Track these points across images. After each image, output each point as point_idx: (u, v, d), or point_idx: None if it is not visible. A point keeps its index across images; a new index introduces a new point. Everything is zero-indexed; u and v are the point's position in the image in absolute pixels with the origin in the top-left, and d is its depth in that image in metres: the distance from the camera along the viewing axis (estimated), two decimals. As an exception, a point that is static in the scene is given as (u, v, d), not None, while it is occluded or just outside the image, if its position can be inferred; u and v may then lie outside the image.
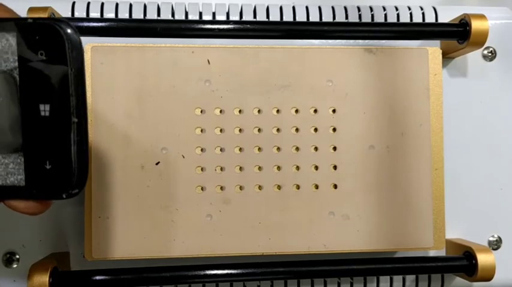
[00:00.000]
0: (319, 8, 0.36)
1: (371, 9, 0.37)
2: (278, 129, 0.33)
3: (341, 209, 0.33)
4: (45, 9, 0.31)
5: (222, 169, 0.32)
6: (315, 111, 0.33)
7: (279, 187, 0.33)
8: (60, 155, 0.20)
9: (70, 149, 0.20)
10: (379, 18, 0.36)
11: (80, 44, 0.20)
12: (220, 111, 0.32)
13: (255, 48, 0.33)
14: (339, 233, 0.33)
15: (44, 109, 0.20)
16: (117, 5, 0.34)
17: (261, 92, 0.33)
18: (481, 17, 0.34)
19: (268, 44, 0.33)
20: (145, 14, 0.34)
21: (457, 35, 0.34)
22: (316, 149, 0.33)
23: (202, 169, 0.32)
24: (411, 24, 0.36)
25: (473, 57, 0.37)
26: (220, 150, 0.32)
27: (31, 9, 0.30)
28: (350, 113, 0.33)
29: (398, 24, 0.36)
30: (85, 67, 0.21)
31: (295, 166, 0.33)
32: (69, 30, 0.20)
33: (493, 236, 0.36)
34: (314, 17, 0.36)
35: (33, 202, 0.21)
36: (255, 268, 0.32)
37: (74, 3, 0.34)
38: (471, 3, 0.48)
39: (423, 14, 0.37)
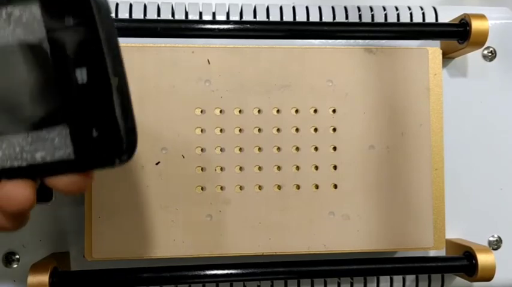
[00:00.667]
0: (319, 8, 0.36)
1: (371, 9, 0.37)
2: (278, 129, 0.33)
3: (341, 209, 0.33)
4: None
5: (222, 169, 0.32)
6: (315, 111, 0.33)
7: (279, 187, 0.33)
8: (106, 120, 0.19)
9: (114, 112, 0.19)
10: (379, 18, 0.36)
11: (106, 2, 0.19)
12: (220, 111, 0.32)
13: (255, 48, 0.33)
14: (339, 233, 0.33)
15: (81, 75, 0.19)
16: (117, 5, 0.34)
17: (261, 92, 0.33)
18: (481, 17, 0.34)
19: (268, 44, 0.33)
20: (145, 14, 0.34)
21: (457, 35, 0.34)
22: (316, 149, 0.33)
23: (202, 169, 0.32)
24: (411, 24, 0.36)
25: (473, 57, 0.37)
26: (220, 150, 0.32)
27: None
28: (350, 113, 0.33)
29: (398, 24, 0.36)
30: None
31: (295, 166, 0.33)
32: None
33: (493, 236, 0.36)
34: (314, 17, 0.36)
35: (78, 176, 0.20)
36: (255, 268, 0.32)
37: (74, 3, 0.34)
38: (471, 3, 0.48)
39: (423, 14, 0.37)
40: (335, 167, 0.33)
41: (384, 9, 0.37)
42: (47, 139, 0.20)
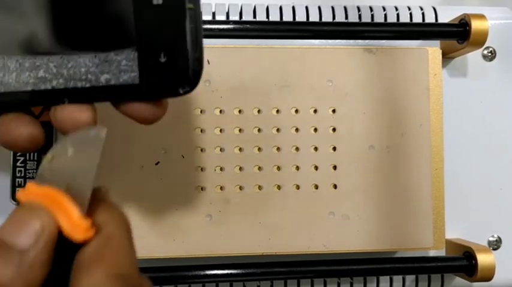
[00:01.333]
0: (319, 8, 0.36)
1: (371, 9, 0.37)
2: (278, 129, 0.33)
3: (341, 209, 0.33)
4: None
5: (222, 169, 0.32)
6: (315, 111, 0.33)
7: (278, 187, 0.33)
8: (176, 46, 0.19)
9: (185, 39, 0.19)
10: (379, 18, 0.36)
11: None
12: (220, 111, 0.32)
13: (255, 48, 0.33)
14: (339, 233, 0.33)
15: None
16: (117, 5, 0.34)
17: (261, 92, 0.33)
18: (481, 17, 0.34)
19: (268, 44, 0.33)
20: (145, 14, 0.34)
21: (457, 35, 0.34)
22: (316, 149, 0.33)
23: (202, 169, 0.32)
24: (411, 24, 0.36)
25: (473, 57, 0.37)
26: (220, 150, 0.32)
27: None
28: (350, 113, 0.33)
29: (398, 24, 0.36)
30: None
31: (295, 166, 0.33)
32: None
33: (493, 236, 0.36)
34: (314, 17, 0.36)
35: (148, 104, 0.20)
36: (255, 268, 0.32)
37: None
38: (471, 3, 0.48)
39: (423, 14, 0.37)
40: (335, 167, 0.33)
41: (384, 9, 0.37)
42: (114, 61, 0.19)
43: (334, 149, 0.33)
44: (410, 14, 0.37)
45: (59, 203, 0.18)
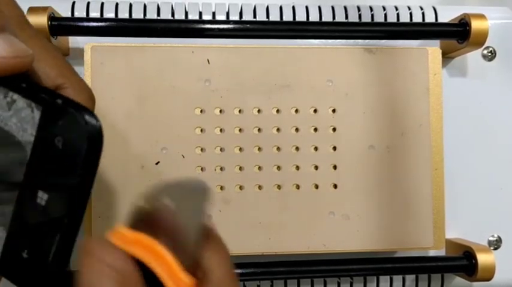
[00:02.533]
0: (319, 7, 0.36)
1: (371, 9, 0.37)
2: (278, 129, 0.33)
3: (341, 209, 0.33)
4: (45, 9, 0.30)
5: (222, 168, 0.32)
6: (315, 111, 0.33)
7: (279, 187, 0.33)
8: (39, 251, 0.18)
9: (50, 250, 0.18)
10: (379, 18, 0.36)
11: (99, 141, 0.18)
12: (220, 111, 0.32)
13: (255, 48, 0.33)
14: (338, 233, 0.33)
15: (42, 197, 0.18)
16: (117, 4, 0.34)
17: (261, 92, 0.33)
18: (481, 17, 0.34)
19: (268, 44, 0.33)
20: (145, 14, 0.34)
21: (457, 35, 0.34)
22: (316, 149, 0.33)
23: (202, 169, 0.32)
24: (411, 24, 0.36)
25: (473, 57, 0.37)
26: (220, 150, 0.32)
27: (31, 9, 0.30)
28: (350, 113, 0.33)
29: (398, 24, 0.36)
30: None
31: (295, 166, 0.33)
32: (93, 126, 0.18)
33: (493, 236, 0.36)
34: (314, 17, 0.36)
35: None
36: (255, 268, 0.32)
37: (73, 3, 0.34)
38: (471, 3, 0.48)
39: (423, 13, 0.37)
40: (335, 167, 0.33)
41: (384, 9, 0.37)
42: None
43: (334, 149, 0.33)
44: (410, 13, 0.37)
45: (159, 254, 0.17)
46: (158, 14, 0.35)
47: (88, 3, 0.34)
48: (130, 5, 0.34)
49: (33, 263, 0.18)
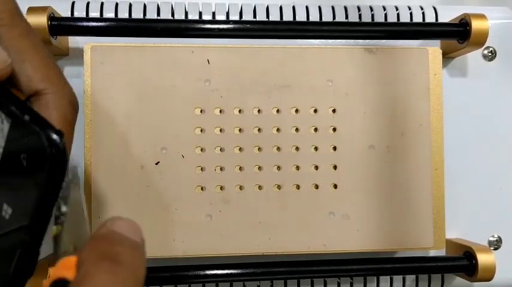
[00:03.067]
0: (319, 7, 0.36)
1: (371, 9, 0.37)
2: (278, 129, 0.33)
3: (341, 209, 0.33)
4: (44, 9, 0.30)
5: (222, 168, 0.32)
6: (315, 111, 0.33)
7: (279, 187, 0.33)
8: (0, 266, 0.18)
9: (11, 266, 0.18)
10: (379, 18, 0.36)
11: (62, 167, 0.18)
12: (220, 111, 0.32)
13: (255, 48, 0.33)
14: (339, 233, 0.33)
15: (6, 211, 0.18)
16: (116, 4, 0.34)
17: (261, 92, 0.33)
18: (481, 16, 0.34)
19: (268, 43, 0.33)
20: (145, 14, 0.34)
21: (457, 34, 0.34)
22: (316, 149, 0.33)
23: (202, 169, 0.32)
24: (411, 24, 0.36)
25: (473, 57, 0.37)
26: (220, 150, 0.32)
27: (30, 9, 0.30)
28: (350, 113, 0.33)
29: (398, 24, 0.36)
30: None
31: (295, 166, 0.33)
32: (57, 148, 0.17)
33: (493, 236, 0.36)
34: (314, 17, 0.36)
35: None
36: (255, 268, 0.32)
37: (73, 2, 0.34)
38: (471, 3, 0.48)
39: (423, 13, 0.37)
40: (335, 167, 0.33)
41: (384, 9, 0.37)
42: None
43: (335, 149, 0.33)
44: (411, 13, 0.37)
45: (66, 266, 0.17)
46: (158, 14, 0.35)
47: (88, 3, 0.34)
48: (130, 5, 0.34)
49: None
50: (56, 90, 0.21)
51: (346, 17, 0.36)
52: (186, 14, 0.35)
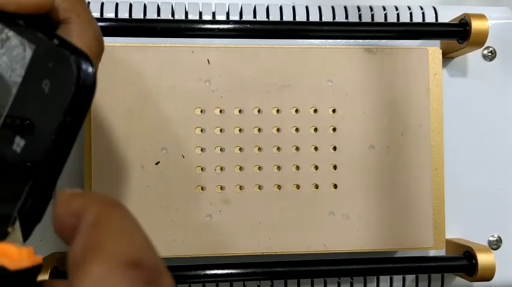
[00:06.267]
0: (319, 7, 0.36)
1: (371, 9, 0.37)
2: (278, 129, 0.33)
3: (341, 209, 0.33)
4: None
5: (222, 168, 0.32)
6: (315, 111, 0.33)
7: (279, 187, 0.33)
8: (6, 205, 0.17)
9: (16, 203, 0.17)
10: (379, 18, 0.36)
11: (90, 91, 0.17)
12: (220, 111, 0.32)
13: (255, 48, 0.33)
14: (338, 233, 0.33)
15: (18, 144, 0.17)
16: (117, 4, 0.34)
17: (261, 92, 0.33)
18: (481, 16, 0.34)
19: (268, 44, 0.33)
20: (145, 14, 0.34)
21: (457, 34, 0.34)
22: (316, 149, 0.33)
23: (202, 169, 0.32)
24: (411, 24, 0.36)
25: (473, 57, 0.37)
26: (220, 150, 0.32)
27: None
28: (350, 113, 0.33)
29: (398, 24, 0.36)
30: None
31: (295, 166, 0.33)
32: (85, 74, 0.16)
33: (493, 236, 0.36)
34: (314, 17, 0.36)
35: None
36: (255, 268, 0.32)
37: (73, 3, 0.34)
38: (471, 3, 0.48)
39: (423, 13, 0.37)
40: (335, 167, 0.33)
41: (384, 9, 0.37)
42: None
43: (334, 149, 0.33)
44: (411, 13, 0.37)
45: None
46: (158, 14, 0.35)
47: (88, 3, 0.34)
48: (131, 5, 0.34)
49: (2, 213, 0.17)
50: (82, 21, 0.20)
51: (346, 17, 0.36)
52: (186, 14, 0.35)
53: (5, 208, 0.17)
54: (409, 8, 0.37)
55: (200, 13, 0.35)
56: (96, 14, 0.34)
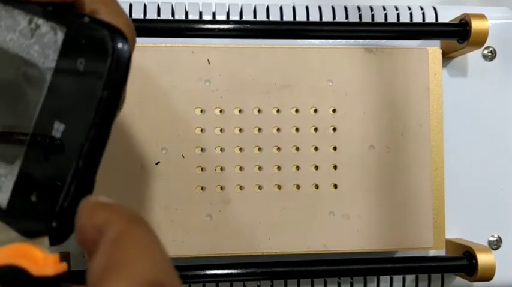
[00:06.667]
0: (319, 8, 0.36)
1: (371, 9, 0.37)
2: (278, 129, 0.33)
3: (341, 209, 0.33)
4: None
5: (222, 168, 0.32)
6: (315, 111, 0.33)
7: (279, 187, 0.33)
8: (48, 193, 0.16)
9: (61, 191, 0.16)
10: (379, 18, 0.36)
11: (126, 63, 0.17)
12: (220, 111, 0.32)
13: (255, 48, 0.33)
14: (339, 233, 0.33)
15: (57, 129, 0.17)
16: (117, 4, 0.34)
17: (261, 92, 0.33)
18: (481, 16, 0.34)
19: (268, 44, 0.33)
20: (145, 14, 0.34)
21: (457, 34, 0.34)
22: (316, 149, 0.33)
23: (202, 169, 0.32)
24: (411, 24, 0.36)
25: (473, 57, 0.37)
26: (220, 150, 0.32)
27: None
28: (350, 113, 0.33)
29: (398, 24, 0.36)
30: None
31: (295, 166, 0.33)
32: (119, 45, 0.16)
33: (493, 236, 0.36)
34: (314, 17, 0.36)
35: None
36: (255, 268, 0.32)
37: (74, 3, 0.34)
38: (471, 3, 0.48)
39: (423, 13, 0.37)
40: (335, 167, 0.33)
41: (384, 9, 0.37)
42: (1, 174, 0.18)
43: (335, 149, 0.33)
44: (411, 13, 0.37)
45: (19, 253, 0.16)
46: (158, 14, 0.35)
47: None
48: (131, 5, 0.34)
49: (41, 208, 0.17)
50: (110, 11, 0.20)
51: (346, 17, 0.36)
52: (186, 14, 0.35)
53: (45, 200, 0.17)
54: (409, 8, 0.37)
55: (200, 13, 0.35)
56: (96, 14, 0.34)
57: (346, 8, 0.36)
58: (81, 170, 0.16)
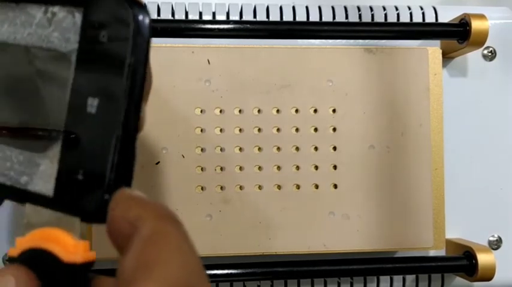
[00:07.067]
0: (319, 8, 0.36)
1: (371, 9, 0.37)
2: (278, 129, 0.33)
3: (341, 209, 0.33)
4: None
5: (222, 168, 0.32)
6: (315, 111, 0.33)
7: (279, 187, 0.33)
8: (93, 168, 0.17)
9: (108, 162, 0.17)
10: (379, 18, 0.36)
11: (148, 30, 0.16)
12: (220, 111, 0.32)
13: (255, 48, 0.33)
14: (339, 233, 0.33)
15: (92, 105, 0.17)
16: (117, 5, 0.34)
17: (261, 92, 0.33)
18: (481, 16, 0.34)
19: (268, 44, 0.33)
20: (145, 14, 0.34)
21: (457, 34, 0.34)
22: (316, 149, 0.33)
23: (202, 169, 0.32)
24: (411, 24, 0.36)
25: (473, 57, 0.37)
26: (220, 150, 0.32)
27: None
28: (350, 113, 0.33)
29: (398, 24, 0.36)
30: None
31: (295, 166, 0.33)
32: (139, 10, 0.16)
33: (493, 236, 0.36)
34: (314, 17, 0.36)
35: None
36: (255, 268, 0.32)
37: (73, 3, 0.34)
38: (471, 3, 0.48)
39: (423, 13, 0.37)
40: (335, 167, 0.33)
41: (384, 9, 0.37)
42: (35, 165, 0.18)
43: (335, 149, 0.33)
44: (411, 13, 0.37)
45: (49, 238, 0.16)
46: (158, 14, 0.35)
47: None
48: (131, 5, 0.34)
49: (91, 185, 0.17)
50: None
51: (346, 17, 0.36)
52: (186, 14, 0.35)
53: (92, 176, 0.17)
54: (409, 8, 0.37)
55: (200, 13, 0.35)
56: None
57: (346, 8, 0.36)
58: (122, 139, 0.17)
